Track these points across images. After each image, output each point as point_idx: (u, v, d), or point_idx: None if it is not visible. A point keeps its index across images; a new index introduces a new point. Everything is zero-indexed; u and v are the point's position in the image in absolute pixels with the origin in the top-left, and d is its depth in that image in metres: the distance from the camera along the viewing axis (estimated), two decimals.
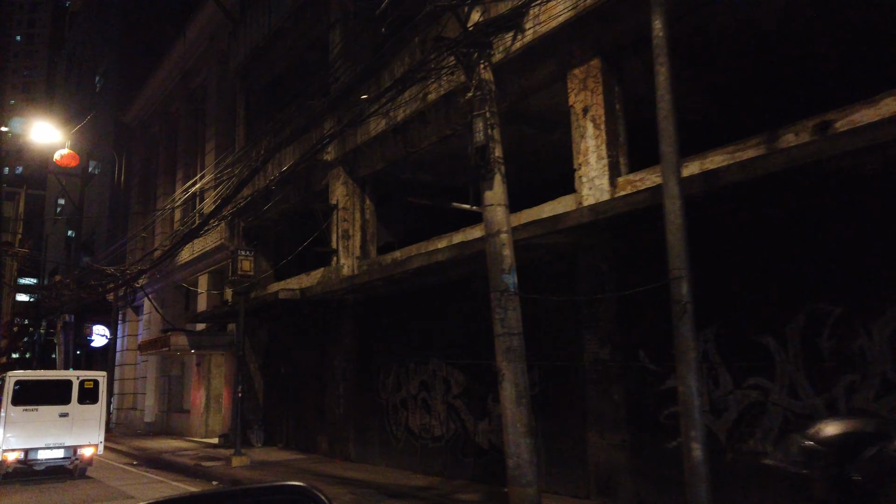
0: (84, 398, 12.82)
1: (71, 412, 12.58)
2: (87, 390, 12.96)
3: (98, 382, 13.23)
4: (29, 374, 13.70)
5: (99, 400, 13.07)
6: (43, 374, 15.05)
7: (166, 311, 23.69)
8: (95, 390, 13.09)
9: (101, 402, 13.09)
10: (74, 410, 12.63)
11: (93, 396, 12.99)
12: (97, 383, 13.20)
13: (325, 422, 14.01)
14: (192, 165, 24.14)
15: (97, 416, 12.93)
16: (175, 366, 23.00)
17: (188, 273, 22.11)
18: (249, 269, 13.13)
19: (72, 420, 12.52)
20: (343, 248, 13.68)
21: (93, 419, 12.81)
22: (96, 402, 13.00)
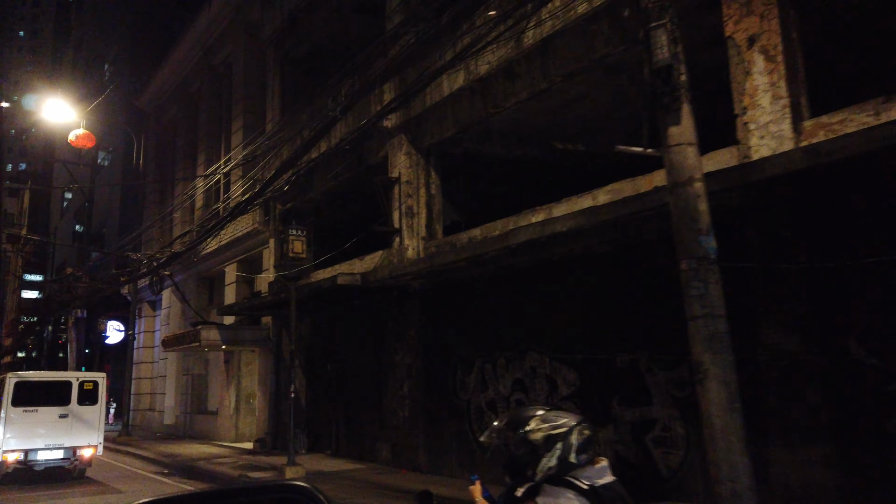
0: (84, 399, 12.68)
1: (70, 413, 12.48)
2: (87, 391, 12.80)
3: (98, 383, 13.04)
4: (29, 375, 13.63)
5: (98, 401, 12.92)
6: (43, 375, 14.96)
7: (192, 303, 21.91)
8: (95, 391, 12.92)
9: (100, 403, 12.95)
10: (74, 411, 12.53)
11: (92, 397, 12.83)
12: (97, 384, 13.01)
13: (386, 426, 12.21)
14: (215, 148, 22.34)
15: (97, 417, 12.80)
16: (198, 364, 21.21)
17: (213, 263, 20.31)
18: (302, 251, 11.36)
19: (71, 421, 12.42)
20: (407, 228, 11.88)
21: (92, 420, 12.68)
22: (96, 402, 12.85)
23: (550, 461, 2.53)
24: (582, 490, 2.47)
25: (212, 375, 21.03)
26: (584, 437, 2.56)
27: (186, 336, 16.32)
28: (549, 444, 2.53)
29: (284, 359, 16.00)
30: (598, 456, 2.64)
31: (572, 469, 2.52)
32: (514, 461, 2.63)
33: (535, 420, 2.63)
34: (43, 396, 12.44)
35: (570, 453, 2.52)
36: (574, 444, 2.53)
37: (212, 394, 20.85)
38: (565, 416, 2.63)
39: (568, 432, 2.55)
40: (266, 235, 16.95)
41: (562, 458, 2.52)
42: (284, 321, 16.01)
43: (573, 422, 2.59)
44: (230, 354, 18.62)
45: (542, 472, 2.54)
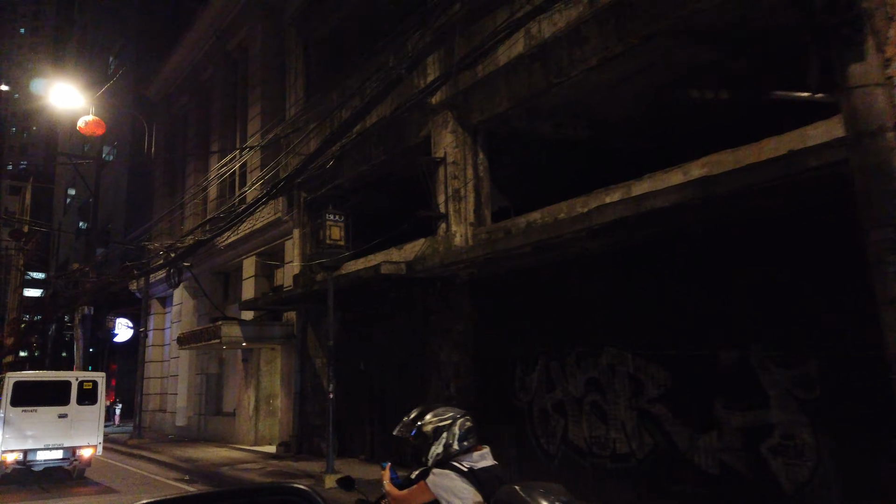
0: (83, 399, 12.62)
1: (70, 413, 12.41)
2: (86, 391, 12.73)
3: (97, 383, 13.02)
4: (28, 375, 13.56)
5: (98, 401, 12.87)
6: (42, 375, 14.77)
7: (202, 301, 20.82)
8: (94, 391, 12.87)
9: (99, 403, 12.89)
10: (73, 411, 12.46)
11: (92, 397, 12.78)
12: (96, 384, 12.98)
13: None
14: (229, 137, 21.25)
15: (96, 417, 12.74)
16: (213, 362, 20.12)
17: (229, 257, 19.21)
18: (340, 238, 10.29)
19: (71, 421, 12.36)
20: (454, 213, 10.80)
21: (92, 420, 12.63)
22: (95, 402, 12.80)
23: (438, 448, 3.05)
24: (462, 472, 2.98)
25: (228, 375, 19.95)
26: (465, 427, 3.11)
27: (205, 332, 15.24)
28: (436, 434, 3.06)
29: (310, 357, 14.94)
30: (480, 444, 3.18)
31: (456, 455, 3.04)
32: (417, 450, 3.12)
33: (429, 415, 3.13)
34: (42, 396, 12.32)
35: (453, 441, 3.04)
36: (457, 434, 3.06)
37: (228, 394, 19.76)
38: (451, 411, 3.15)
39: (451, 424, 3.06)
40: (289, 226, 15.86)
41: (447, 446, 3.05)
42: (311, 316, 14.94)
43: (457, 415, 3.09)
44: (248, 352, 17.53)
45: (431, 457, 3.07)
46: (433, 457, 3.12)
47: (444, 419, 3.13)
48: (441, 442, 3.09)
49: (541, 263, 9.23)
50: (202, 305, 20.73)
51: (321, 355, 14.54)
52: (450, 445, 3.08)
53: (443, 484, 3.01)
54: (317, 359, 14.66)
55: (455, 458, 3.06)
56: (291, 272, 15.92)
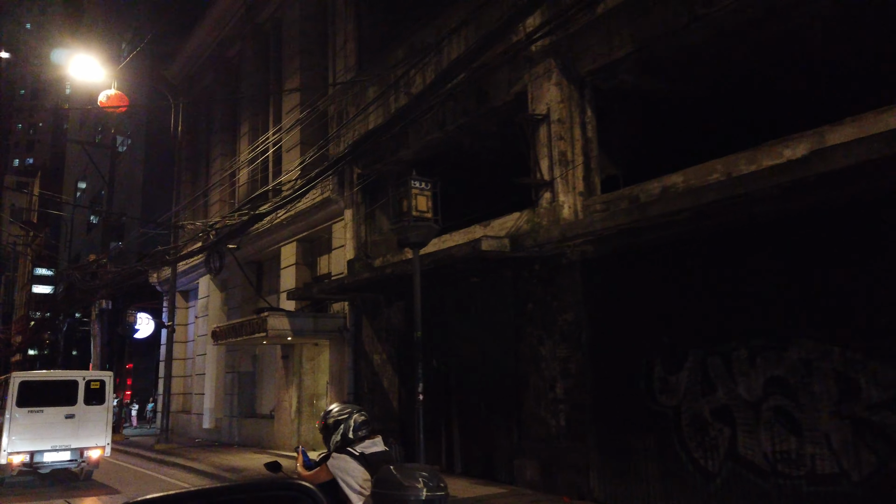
0: (90, 399, 12.29)
1: (77, 413, 12.10)
2: (94, 391, 12.37)
3: (105, 382, 12.64)
4: (34, 375, 13.24)
5: (105, 401, 12.50)
6: (48, 375, 14.18)
7: (233, 293, 19.07)
8: (102, 391, 12.49)
9: (107, 403, 12.54)
10: (80, 411, 12.15)
11: (99, 397, 12.43)
12: (104, 383, 12.60)
13: (529, 438, 9.33)
14: (261, 115, 19.48)
15: (104, 417, 12.41)
16: (245, 360, 18.34)
17: (264, 244, 17.41)
18: (427, 209, 8.47)
19: (78, 421, 12.07)
20: (561, 180, 9.00)
21: (100, 420, 12.30)
22: (103, 402, 12.45)
23: (336, 437, 3.81)
24: (355, 455, 3.70)
25: (263, 373, 18.18)
26: (359, 421, 3.86)
27: (247, 326, 13.46)
28: (336, 426, 3.83)
29: (367, 353, 13.16)
30: (374, 434, 3.93)
31: (352, 443, 3.77)
32: (327, 439, 3.88)
33: (333, 410, 3.94)
34: (48, 396, 12.02)
35: (349, 432, 3.80)
36: (352, 426, 3.81)
37: (264, 395, 18.00)
38: (349, 407, 3.95)
39: (348, 418, 3.84)
40: (339, 207, 14.08)
41: (343, 435, 3.81)
42: (367, 307, 13.17)
43: (353, 411, 3.89)
44: (289, 349, 15.76)
45: (333, 445, 3.83)
46: (333, 444, 3.78)
47: (342, 413, 3.83)
48: (339, 432, 3.76)
49: (679, 237, 7.44)
50: (233, 298, 18.96)
51: (380, 351, 12.76)
52: (346, 435, 3.74)
53: (339, 465, 3.67)
54: (375, 355, 12.87)
55: (350, 445, 3.70)
56: (341, 258, 14.15)
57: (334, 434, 3.84)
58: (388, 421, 12.30)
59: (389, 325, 12.61)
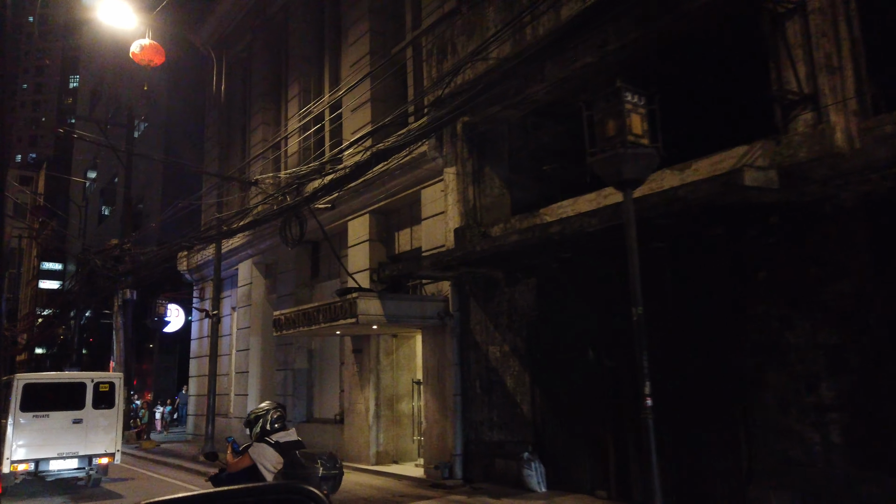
0: (99, 402, 11.47)
1: (85, 418, 11.28)
2: (103, 394, 11.54)
3: (114, 385, 11.82)
4: (39, 377, 12.36)
5: (115, 404, 11.69)
6: (54, 377, 13.41)
7: (284, 279, 16.32)
8: (111, 394, 11.66)
9: (117, 407, 11.72)
10: (89, 416, 11.32)
11: (109, 401, 11.60)
12: (113, 386, 11.79)
13: (772, 458, 6.60)
14: (313, 75, 16.74)
15: (114, 422, 11.58)
16: (300, 355, 15.57)
17: (324, 220, 14.66)
18: (643, 133, 5.80)
19: (86, 427, 11.25)
20: (829, 92, 6.31)
21: (109, 426, 11.48)
22: (112, 406, 11.64)
23: (256, 429, 4.64)
24: (270, 444, 4.52)
25: (322, 371, 15.43)
26: (275, 416, 4.72)
27: (327, 311, 10.68)
28: (257, 420, 4.68)
29: (478, 343, 10.44)
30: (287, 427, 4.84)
31: (269, 434, 4.60)
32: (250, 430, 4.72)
33: (257, 407, 4.83)
34: (54, 400, 11.19)
35: (266, 424, 4.64)
36: (269, 420, 4.65)
37: (324, 395, 15.25)
38: (268, 405, 4.84)
39: (266, 413, 4.70)
40: (436, 165, 11.36)
41: (262, 427, 4.65)
42: (478, 286, 10.46)
43: (270, 408, 4.75)
44: (363, 341, 13.03)
45: (254, 435, 4.63)
46: (254, 435, 4.61)
47: (261, 410, 4.71)
48: (259, 425, 4.63)
49: None
50: (284, 284, 16.19)
51: (499, 341, 10.03)
52: (264, 427, 4.62)
53: (257, 451, 4.49)
54: (491, 346, 10.14)
55: (268, 435, 4.53)
56: (435, 229, 11.43)
57: (255, 426, 4.65)
58: (517, 429, 9.57)
59: (513, 309, 9.87)
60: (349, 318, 10.26)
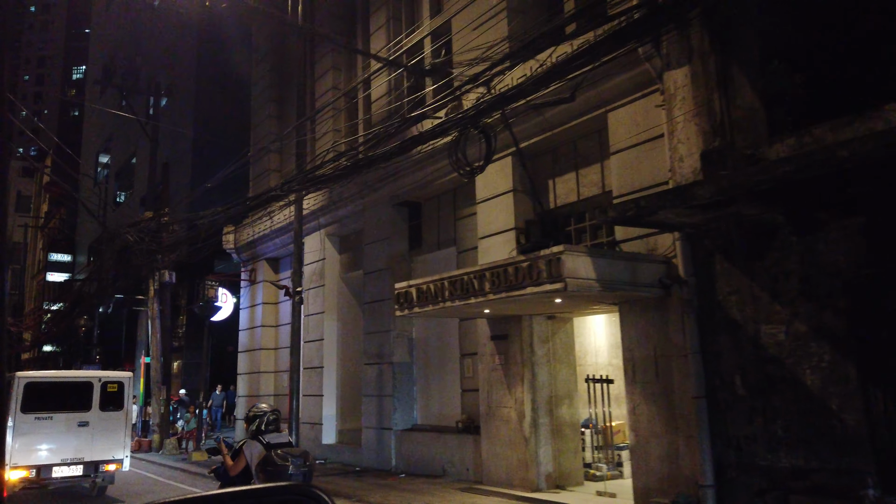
0: (107, 404, 10.38)
1: (92, 420, 10.21)
2: (111, 394, 10.46)
3: (123, 385, 10.65)
4: (41, 375, 10.95)
5: (124, 406, 10.53)
6: (58, 375, 12.05)
7: (374, 251, 12.87)
8: (120, 394, 10.52)
9: (126, 409, 10.53)
10: (95, 418, 10.23)
11: (117, 402, 10.50)
12: (122, 385, 10.63)
13: None
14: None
15: (122, 425, 10.47)
16: (398, 344, 12.09)
17: (435, 173, 11.22)
18: None
19: (93, 430, 10.18)
20: None
21: (117, 429, 10.40)
22: (121, 408, 10.51)
23: (253, 427, 4.88)
24: (262, 443, 4.75)
25: (428, 364, 11.95)
26: (270, 419, 4.95)
27: (502, 276, 7.22)
28: (254, 420, 4.93)
29: (733, 321, 7.00)
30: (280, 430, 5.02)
31: (263, 434, 4.84)
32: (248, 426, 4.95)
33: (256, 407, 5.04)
34: (59, 400, 10.10)
35: (262, 425, 4.90)
36: (264, 421, 4.91)
37: (431, 396, 11.77)
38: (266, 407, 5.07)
39: (263, 415, 4.94)
40: (642, 74, 7.93)
41: (258, 427, 4.90)
42: (733, 238, 7.04)
43: (268, 410, 5.00)
44: (508, 324, 9.59)
45: (249, 433, 4.88)
46: (249, 432, 4.88)
47: (260, 412, 4.95)
48: (255, 424, 4.90)
49: None
50: (372, 258, 12.70)
51: (783, 317, 6.57)
52: (259, 427, 4.89)
53: (249, 449, 4.76)
54: (767, 325, 6.68)
55: (261, 435, 4.82)
56: (642, 163, 8.04)
57: (251, 425, 4.91)
58: (832, 451, 6.14)
59: (812, 267, 6.44)
60: (547, 285, 6.85)
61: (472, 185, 10.72)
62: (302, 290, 11.78)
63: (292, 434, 11.34)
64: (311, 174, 10.72)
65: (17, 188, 67.37)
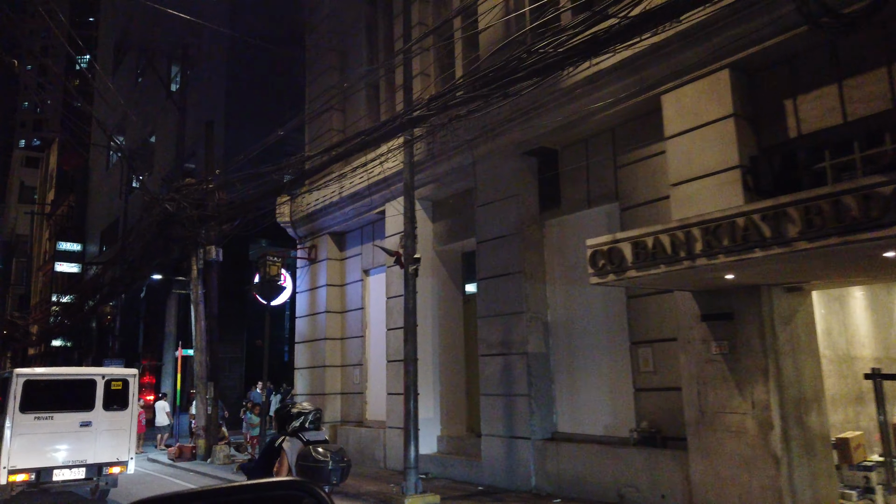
0: (111, 403, 9.63)
1: (94, 420, 9.46)
2: (115, 392, 9.72)
3: (128, 383, 9.91)
4: (41, 372, 10.12)
5: (129, 405, 9.80)
6: (59, 373, 10.68)
7: (490, 214, 10.04)
8: (125, 393, 9.83)
9: (131, 409, 9.80)
10: (99, 418, 9.48)
11: (122, 401, 9.76)
12: (127, 384, 9.91)
13: None
14: None
15: (127, 425, 9.73)
16: (532, 329, 9.30)
17: (602, 103, 8.43)
18: None
19: (96, 430, 9.45)
20: None
21: (122, 430, 9.66)
22: (126, 407, 9.77)
23: (294, 424, 4.52)
24: (302, 440, 4.43)
25: (572, 356, 9.13)
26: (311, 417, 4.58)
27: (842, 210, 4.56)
28: (297, 416, 4.55)
29: None
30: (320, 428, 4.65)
31: (303, 431, 4.50)
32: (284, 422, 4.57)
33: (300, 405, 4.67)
34: (60, 399, 9.40)
35: (303, 423, 4.53)
36: (306, 419, 4.55)
37: (580, 397, 8.95)
38: (310, 406, 4.69)
39: (307, 413, 4.58)
40: None
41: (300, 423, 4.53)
42: None
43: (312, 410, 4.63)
44: (740, 298, 6.84)
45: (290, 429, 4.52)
46: (291, 428, 4.53)
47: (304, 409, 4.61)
48: (298, 420, 4.54)
49: None
50: (488, 224, 9.87)
51: None
52: (300, 424, 4.53)
53: (288, 446, 4.46)
54: None
55: (301, 432, 4.50)
56: None
57: (294, 421, 4.54)
58: None
59: None
60: None
61: (648, 119, 7.98)
62: (420, 257, 8.92)
63: (409, 447, 8.51)
64: (438, 99, 7.92)
65: (20, 178, 64.24)
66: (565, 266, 9.40)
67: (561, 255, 9.48)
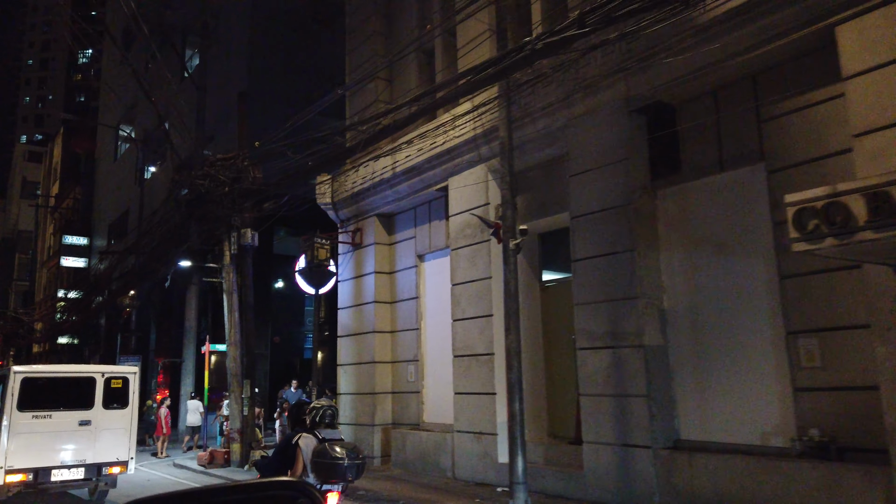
0: (111, 401, 9.39)
1: (94, 419, 9.21)
2: (115, 391, 9.45)
3: (129, 381, 9.61)
4: (39, 370, 9.81)
5: (129, 404, 9.52)
6: (58, 370, 10.33)
7: (587, 184, 8.47)
8: (125, 391, 9.56)
9: (131, 407, 9.52)
10: (98, 417, 9.24)
11: (122, 399, 9.52)
12: (127, 381, 9.61)
13: None
14: None
15: (127, 424, 9.48)
16: (647, 318, 7.75)
17: (737, 44, 6.91)
18: None
19: (95, 429, 9.21)
20: None
21: (121, 429, 9.42)
22: (126, 406, 9.52)
23: (309, 419, 4.78)
24: (315, 436, 4.67)
25: (700, 349, 7.58)
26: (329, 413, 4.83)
27: None
28: (313, 412, 4.81)
29: None
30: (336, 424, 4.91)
31: (318, 427, 4.76)
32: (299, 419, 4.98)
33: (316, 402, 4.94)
34: (58, 397, 9.12)
35: (319, 419, 4.78)
36: (323, 415, 4.79)
37: (710, 397, 7.42)
38: (326, 402, 4.98)
39: (322, 409, 4.82)
40: None
41: (314, 419, 4.79)
42: None
43: (327, 407, 4.85)
44: None
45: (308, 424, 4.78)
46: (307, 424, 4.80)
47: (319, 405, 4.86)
48: (312, 415, 4.80)
49: None
50: (587, 192, 8.31)
51: None
52: (315, 419, 4.78)
53: (305, 443, 4.66)
54: None
55: (316, 428, 4.74)
56: None
57: (309, 416, 4.81)
58: None
59: None
60: None
61: (807, 60, 6.45)
62: (527, 229, 7.38)
63: (516, 455, 6.98)
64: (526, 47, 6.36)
65: (22, 173, 62.47)
66: (687, 242, 7.86)
67: (680, 229, 7.95)
